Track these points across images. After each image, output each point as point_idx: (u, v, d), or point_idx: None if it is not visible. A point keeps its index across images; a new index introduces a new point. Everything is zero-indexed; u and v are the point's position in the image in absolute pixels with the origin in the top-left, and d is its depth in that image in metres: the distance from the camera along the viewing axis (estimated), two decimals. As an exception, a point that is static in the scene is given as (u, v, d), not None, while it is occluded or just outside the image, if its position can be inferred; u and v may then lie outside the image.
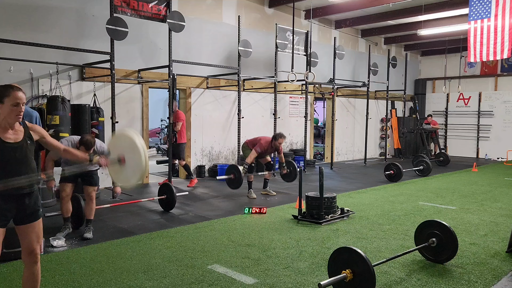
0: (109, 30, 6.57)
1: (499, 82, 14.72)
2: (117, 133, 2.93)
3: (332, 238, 4.85)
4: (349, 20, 12.19)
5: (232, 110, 9.87)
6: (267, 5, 10.63)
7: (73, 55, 7.20)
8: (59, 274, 3.67)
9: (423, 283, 3.58)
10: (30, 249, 2.76)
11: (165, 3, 7.36)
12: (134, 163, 2.78)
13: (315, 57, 10.53)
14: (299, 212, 5.62)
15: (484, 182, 9.18)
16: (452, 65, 15.12)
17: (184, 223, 5.49)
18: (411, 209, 6.44)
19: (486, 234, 5.09)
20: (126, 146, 2.82)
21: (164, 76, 8.31)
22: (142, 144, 2.78)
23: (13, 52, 6.41)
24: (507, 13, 6.89)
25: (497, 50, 7.06)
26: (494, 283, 3.61)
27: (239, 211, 6.17)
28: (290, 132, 11.52)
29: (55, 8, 7.14)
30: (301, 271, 3.81)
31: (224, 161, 9.89)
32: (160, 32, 8.21)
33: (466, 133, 15.36)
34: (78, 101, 7.32)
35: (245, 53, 9.04)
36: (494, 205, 6.77)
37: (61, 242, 4.44)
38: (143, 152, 2.73)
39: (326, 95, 12.35)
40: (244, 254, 4.27)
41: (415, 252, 4.17)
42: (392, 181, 9.07)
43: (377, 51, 14.45)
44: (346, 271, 3.16)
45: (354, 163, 12.84)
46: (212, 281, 3.55)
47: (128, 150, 2.81)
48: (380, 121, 14.82)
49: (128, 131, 2.90)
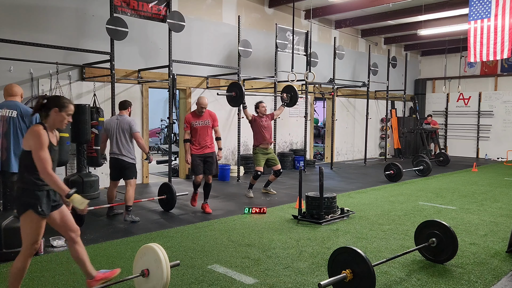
0: (109, 30, 6.57)
1: (499, 82, 14.72)
2: (144, 247, 3.18)
3: (332, 238, 4.85)
4: (349, 20, 12.19)
5: (232, 110, 9.86)
6: (267, 5, 10.63)
7: (73, 55, 7.20)
8: (59, 274, 3.67)
9: (423, 283, 3.58)
10: (74, 227, 3.19)
11: (165, 3, 7.36)
12: (157, 276, 3.06)
13: (315, 57, 10.53)
14: (299, 212, 5.62)
15: (484, 182, 9.18)
16: (452, 65, 15.12)
17: (184, 223, 5.49)
18: (411, 209, 6.44)
19: (486, 234, 5.09)
20: (151, 259, 3.10)
21: (164, 76, 8.31)
22: (166, 259, 3.06)
23: (13, 52, 6.41)
24: (507, 13, 6.89)
25: (497, 50, 7.06)
26: (494, 283, 3.61)
27: (239, 211, 6.17)
28: (290, 132, 11.53)
29: (55, 8, 7.14)
30: (301, 271, 3.81)
31: (224, 161, 9.89)
32: (160, 32, 8.21)
33: (466, 133, 15.36)
34: (78, 101, 7.32)
35: (245, 53, 9.04)
36: (494, 205, 6.77)
37: (61, 242, 4.44)
38: (165, 267, 3.01)
39: (326, 95, 12.35)
40: (244, 254, 4.27)
41: (415, 252, 4.17)
42: (392, 181, 9.07)
43: (377, 51, 14.45)
44: (346, 271, 3.16)
45: (354, 163, 12.84)
46: (212, 281, 3.55)
47: (153, 263, 3.08)
48: (380, 121, 14.82)
49: (154, 246, 3.13)
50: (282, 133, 11.14)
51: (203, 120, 6.07)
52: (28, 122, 4.13)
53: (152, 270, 3.09)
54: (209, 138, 6.14)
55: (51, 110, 2.96)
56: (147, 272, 3.11)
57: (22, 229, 2.94)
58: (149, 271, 3.11)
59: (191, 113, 6.15)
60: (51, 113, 2.97)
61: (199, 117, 6.07)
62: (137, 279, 3.19)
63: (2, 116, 4.07)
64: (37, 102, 2.99)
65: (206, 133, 6.09)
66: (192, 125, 6.04)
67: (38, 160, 2.83)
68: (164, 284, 3.03)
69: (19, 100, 4.28)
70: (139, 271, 3.18)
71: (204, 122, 6.08)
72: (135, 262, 3.28)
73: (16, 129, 4.08)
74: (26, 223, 2.91)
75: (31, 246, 2.95)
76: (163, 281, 3.01)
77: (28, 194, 2.90)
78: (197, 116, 6.07)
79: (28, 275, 3.62)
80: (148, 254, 3.14)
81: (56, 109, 2.97)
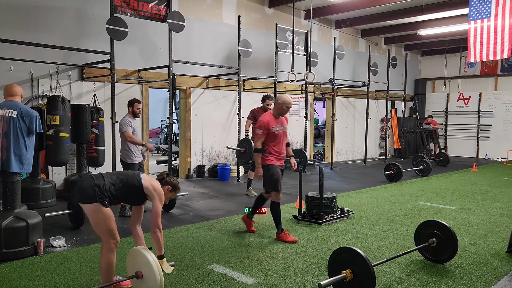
0: (109, 30, 6.57)
1: (499, 82, 14.72)
2: (132, 250, 3.25)
3: (332, 238, 4.85)
4: (349, 20, 12.19)
5: (232, 110, 9.87)
6: (267, 5, 10.63)
7: (73, 55, 7.20)
8: (59, 274, 3.67)
9: (423, 283, 3.58)
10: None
11: (165, 3, 7.36)
12: (151, 278, 3.07)
13: (315, 57, 10.53)
14: (299, 212, 5.62)
15: (484, 182, 9.18)
16: (452, 65, 15.12)
17: (184, 223, 5.49)
18: (411, 209, 6.44)
19: (486, 234, 5.09)
20: (142, 263, 3.12)
21: (164, 76, 8.31)
22: (155, 261, 3.07)
23: (13, 52, 6.41)
24: (507, 13, 6.88)
25: (497, 50, 7.06)
26: (494, 283, 3.61)
27: (239, 211, 6.17)
28: (290, 132, 11.52)
29: (55, 8, 7.14)
30: (301, 271, 3.81)
31: (224, 161, 9.89)
32: (160, 32, 8.21)
33: (466, 133, 15.36)
34: (78, 101, 7.32)
35: (245, 53, 9.04)
36: (494, 205, 6.77)
37: (61, 242, 4.44)
38: (156, 269, 3.01)
39: (326, 95, 12.35)
40: (244, 254, 4.27)
41: (415, 252, 4.17)
42: (392, 181, 9.07)
43: (377, 51, 14.45)
44: (346, 271, 3.16)
45: (354, 163, 12.84)
46: (212, 281, 3.55)
47: (144, 266, 3.11)
48: (380, 121, 14.82)
49: (142, 249, 3.16)
50: (282, 133, 11.13)
51: (282, 125, 4.95)
52: (28, 122, 4.13)
53: (144, 272, 3.11)
54: (284, 146, 5.10)
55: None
56: (141, 274, 3.13)
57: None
58: (142, 272, 3.13)
59: (268, 116, 4.89)
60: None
61: (279, 121, 4.92)
62: (134, 280, 3.20)
63: (2, 116, 4.07)
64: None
65: (284, 139, 5.03)
66: (272, 131, 4.81)
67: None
68: (159, 285, 3.02)
69: (19, 100, 4.27)
70: (133, 273, 3.19)
71: (283, 126, 4.98)
72: (127, 265, 3.30)
73: (16, 129, 4.07)
74: None
75: None
76: (157, 283, 3.00)
77: None
78: (276, 119, 4.89)
79: (28, 275, 3.63)
80: (137, 258, 3.17)
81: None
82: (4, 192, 4.18)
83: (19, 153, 4.08)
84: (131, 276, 3.19)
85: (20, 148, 4.09)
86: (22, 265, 3.87)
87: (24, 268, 3.79)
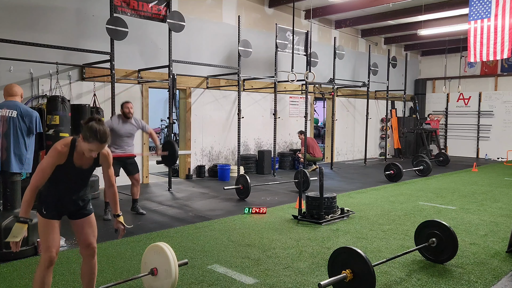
0: (109, 30, 6.57)
1: (499, 82, 14.72)
2: (152, 246, 3.27)
3: (332, 238, 4.85)
4: (349, 20, 12.19)
5: (232, 110, 9.87)
6: (267, 5, 10.63)
7: (73, 55, 7.20)
8: (59, 274, 3.67)
9: (423, 283, 3.58)
10: (87, 243, 2.90)
11: (165, 3, 7.37)
12: (165, 275, 3.10)
13: (315, 57, 10.53)
14: (299, 212, 5.62)
15: (484, 182, 9.18)
16: (452, 65, 15.12)
17: (184, 223, 5.49)
18: (411, 209, 6.44)
19: (486, 234, 5.09)
20: (160, 258, 3.13)
21: (164, 76, 8.31)
22: (174, 258, 3.09)
23: (13, 52, 6.41)
24: (507, 13, 6.88)
25: (497, 50, 7.06)
26: (494, 283, 3.60)
27: (239, 211, 6.17)
28: (290, 132, 11.53)
29: (55, 8, 7.14)
30: (301, 271, 3.81)
31: (224, 161, 9.89)
32: (160, 32, 8.21)
33: (466, 133, 15.36)
34: (78, 101, 7.32)
35: (245, 53, 9.04)
36: (494, 205, 6.77)
37: (61, 242, 4.44)
38: (174, 266, 3.04)
39: (326, 95, 12.35)
40: (244, 254, 4.27)
41: (415, 252, 4.17)
42: (392, 181, 9.07)
43: (377, 51, 14.45)
44: (346, 271, 3.16)
45: (354, 163, 12.84)
46: (212, 281, 3.55)
47: (161, 262, 3.12)
48: (380, 121, 14.82)
49: (163, 245, 3.16)
50: (282, 133, 11.14)
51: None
52: (28, 122, 4.13)
53: (160, 269, 3.12)
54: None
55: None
56: (156, 271, 3.14)
57: None
58: (157, 270, 3.14)
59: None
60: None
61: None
62: (146, 277, 3.21)
63: (2, 116, 4.07)
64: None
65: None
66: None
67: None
68: (172, 283, 3.06)
69: (19, 100, 4.27)
70: (147, 269, 3.21)
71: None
72: (143, 261, 3.30)
73: (16, 129, 4.08)
74: None
75: None
76: (171, 280, 3.04)
77: None
78: None
79: (28, 275, 3.63)
80: (157, 253, 3.17)
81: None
82: (4, 192, 4.18)
83: (19, 153, 4.08)
84: (144, 274, 3.20)
85: (20, 148, 4.09)
86: (22, 265, 3.87)
87: (24, 268, 3.79)
